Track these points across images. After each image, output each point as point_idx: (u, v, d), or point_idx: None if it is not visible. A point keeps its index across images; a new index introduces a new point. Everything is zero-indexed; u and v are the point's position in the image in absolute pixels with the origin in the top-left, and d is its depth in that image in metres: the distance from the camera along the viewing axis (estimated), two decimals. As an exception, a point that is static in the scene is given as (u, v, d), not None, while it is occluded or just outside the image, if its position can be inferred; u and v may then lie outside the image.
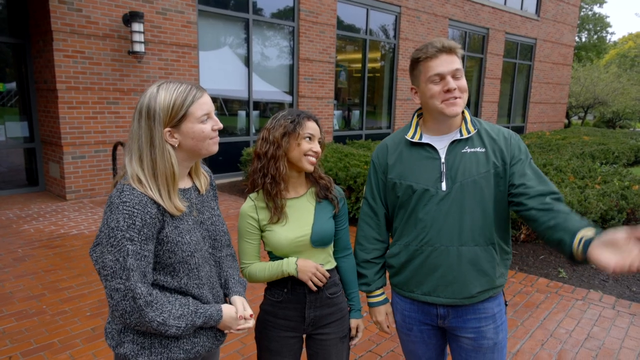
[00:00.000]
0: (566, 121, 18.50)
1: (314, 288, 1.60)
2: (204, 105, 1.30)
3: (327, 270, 1.65)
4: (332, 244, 1.70)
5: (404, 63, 11.01)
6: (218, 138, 1.35)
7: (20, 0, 6.38)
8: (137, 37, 6.37)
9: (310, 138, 1.57)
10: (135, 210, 1.19)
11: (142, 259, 1.20)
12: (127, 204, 1.19)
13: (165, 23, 6.93)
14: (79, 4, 6.05)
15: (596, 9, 36.52)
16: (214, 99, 8.04)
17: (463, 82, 1.48)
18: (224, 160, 8.12)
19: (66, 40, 6.00)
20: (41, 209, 5.81)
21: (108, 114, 6.49)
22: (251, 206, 1.62)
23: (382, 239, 1.69)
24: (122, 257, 1.17)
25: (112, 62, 6.43)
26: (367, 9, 10.13)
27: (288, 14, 8.72)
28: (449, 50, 1.46)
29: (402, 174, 1.56)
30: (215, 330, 1.41)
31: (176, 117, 1.26)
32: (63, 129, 6.10)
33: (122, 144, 5.41)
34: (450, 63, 1.45)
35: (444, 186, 1.50)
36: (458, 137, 1.53)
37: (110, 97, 6.48)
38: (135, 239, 1.18)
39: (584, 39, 36.27)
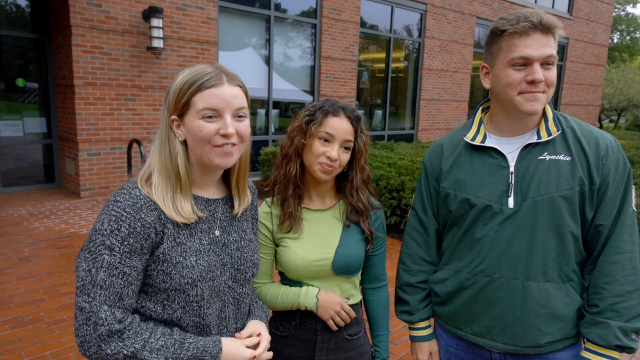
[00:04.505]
0: (598, 125, 17.73)
1: (335, 328, 1.30)
2: (212, 98, 0.99)
3: (351, 306, 1.34)
4: (359, 273, 1.39)
5: (429, 62, 10.64)
6: (229, 149, 1.02)
7: (41, -5, 6.33)
8: (156, 33, 6.22)
9: (327, 140, 1.25)
10: (125, 214, 0.95)
11: (119, 276, 0.94)
12: (119, 204, 0.96)
13: (185, 19, 6.77)
14: (98, -2, 5.95)
15: (629, 9, 35.18)
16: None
17: (553, 72, 1.14)
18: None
19: (85, 35, 5.89)
20: (54, 206, 5.71)
21: (125, 111, 6.37)
22: (266, 213, 1.34)
23: (431, 260, 1.38)
24: (94, 268, 0.93)
25: (130, 57, 6.30)
26: (392, 7, 9.81)
27: (310, 11, 8.48)
28: (547, 29, 1.11)
29: (459, 183, 1.25)
30: None
31: (180, 104, 1.01)
32: (79, 125, 6.00)
33: (137, 141, 5.25)
34: (544, 46, 1.11)
35: (510, 202, 1.18)
36: (535, 139, 1.19)
37: (127, 94, 6.35)
38: (116, 249, 0.94)
39: (615, 40, 34.92)
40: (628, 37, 35.15)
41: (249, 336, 1.13)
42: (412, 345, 1.43)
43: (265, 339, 1.14)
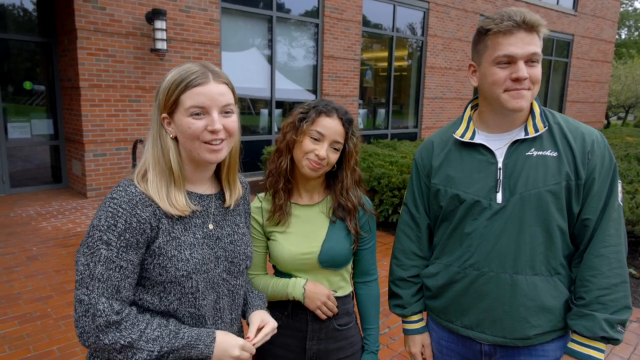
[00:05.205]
0: (605, 122, 17.59)
1: (323, 317, 1.35)
2: (199, 96, 1.04)
3: (340, 298, 1.39)
4: (348, 266, 1.42)
5: (432, 60, 10.64)
6: (217, 146, 1.07)
7: (47, -1, 6.45)
8: (160, 35, 6.31)
9: (317, 139, 1.30)
10: (121, 210, 0.99)
11: (116, 270, 0.99)
12: (115, 201, 1.00)
13: (188, 21, 6.85)
14: (103, 2, 6.04)
15: (637, 4, 34.79)
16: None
17: (537, 70, 1.17)
18: (244, 158, 8.00)
19: (90, 38, 5.99)
20: (61, 206, 5.81)
21: (130, 112, 6.47)
22: (257, 208, 1.40)
23: (423, 255, 1.41)
24: (92, 262, 0.98)
25: (134, 59, 6.39)
26: (394, 5, 9.83)
27: (312, 10, 8.53)
28: (530, 27, 1.14)
29: (449, 179, 1.28)
30: None
31: (169, 103, 1.06)
32: (85, 127, 6.10)
33: (141, 141, 5.33)
34: (528, 44, 1.14)
35: (499, 198, 1.20)
36: (522, 136, 1.22)
37: (132, 95, 6.45)
38: (113, 243, 0.98)
39: (623, 36, 34.60)
40: (636, 33, 34.81)
41: (259, 328, 1.17)
42: (405, 338, 1.46)
43: (271, 326, 1.18)
